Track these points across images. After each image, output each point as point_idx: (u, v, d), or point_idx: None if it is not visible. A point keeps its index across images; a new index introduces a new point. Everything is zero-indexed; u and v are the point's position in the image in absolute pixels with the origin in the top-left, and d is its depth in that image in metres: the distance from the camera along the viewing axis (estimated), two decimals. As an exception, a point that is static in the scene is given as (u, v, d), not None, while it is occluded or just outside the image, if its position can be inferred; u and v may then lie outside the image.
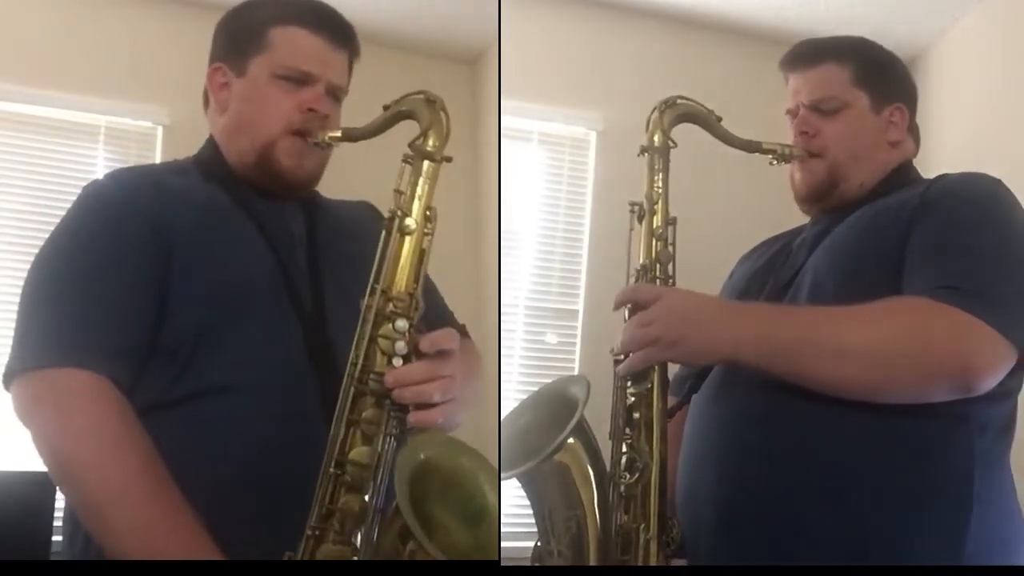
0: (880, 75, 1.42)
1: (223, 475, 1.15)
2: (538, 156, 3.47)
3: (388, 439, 1.10)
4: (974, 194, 1.26)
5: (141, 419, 1.15)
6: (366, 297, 1.14)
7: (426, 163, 1.16)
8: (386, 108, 1.21)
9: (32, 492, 2.68)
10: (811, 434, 1.18)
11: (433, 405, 1.12)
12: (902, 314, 1.15)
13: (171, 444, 1.13)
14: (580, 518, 1.21)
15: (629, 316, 1.25)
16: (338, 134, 1.28)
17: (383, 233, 1.16)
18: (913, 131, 1.44)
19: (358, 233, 1.37)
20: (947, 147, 1.41)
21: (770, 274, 1.40)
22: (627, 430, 1.24)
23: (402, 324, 1.12)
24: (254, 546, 1.08)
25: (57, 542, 2.74)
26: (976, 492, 1.16)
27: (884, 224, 1.26)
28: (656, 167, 1.33)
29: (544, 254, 3.46)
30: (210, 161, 1.35)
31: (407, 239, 1.15)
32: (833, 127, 1.38)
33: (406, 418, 1.11)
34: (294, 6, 1.35)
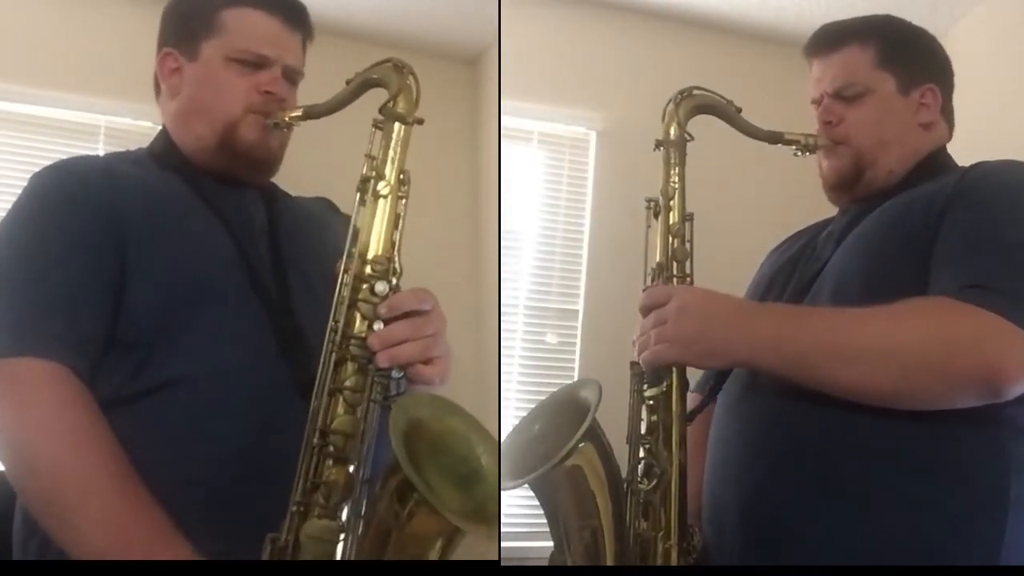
0: (907, 54, 1.35)
1: (193, 467, 1.11)
2: (538, 156, 3.46)
3: (372, 406, 1.06)
4: (1008, 184, 1.19)
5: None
6: (343, 261, 1.10)
7: (397, 125, 1.13)
8: (349, 82, 1.18)
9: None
10: (838, 439, 1.14)
11: (429, 361, 1.10)
12: (925, 316, 1.09)
13: (135, 439, 1.09)
14: (595, 527, 1.17)
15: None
16: (299, 113, 1.25)
17: (356, 195, 1.12)
18: (947, 114, 1.37)
19: (318, 226, 1.36)
20: (950, 146, 1.38)
21: (796, 268, 1.35)
22: (645, 434, 1.19)
23: (382, 287, 1.09)
24: (229, 538, 1.04)
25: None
26: (1013, 499, 1.10)
27: (914, 216, 1.19)
28: (672, 161, 1.28)
29: (544, 254, 3.45)
30: (164, 150, 1.32)
31: (381, 202, 1.11)
32: (856, 113, 1.32)
33: (390, 384, 1.08)
34: None
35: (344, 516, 1.03)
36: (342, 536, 1.03)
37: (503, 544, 1.11)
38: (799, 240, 1.43)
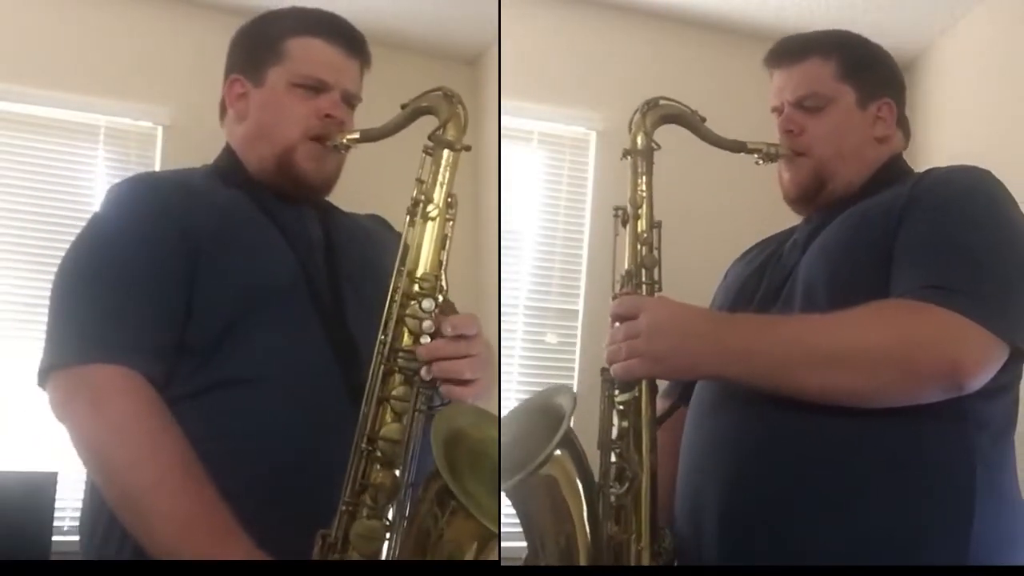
0: (866, 69, 1.39)
1: (245, 464, 1.17)
2: (538, 156, 3.47)
3: (417, 415, 1.14)
4: (960, 188, 1.24)
5: None
6: (392, 278, 1.17)
7: (446, 152, 1.21)
8: (404, 107, 1.25)
9: (32, 492, 2.69)
10: (809, 440, 1.16)
11: (465, 382, 1.15)
12: (887, 318, 1.14)
13: (191, 435, 1.16)
14: (569, 533, 1.19)
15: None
16: (356, 135, 1.32)
17: (407, 218, 1.20)
18: (903, 124, 1.41)
19: (372, 242, 1.42)
20: (947, 147, 1.39)
21: (763, 277, 1.38)
22: (616, 439, 1.22)
23: (428, 304, 1.16)
24: (281, 534, 1.10)
25: (57, 542, 2.76)
26: (978, 491, 1.14)
27: (873, 222, 1.24)
28: (640, 170, 1.31)
29: (544, 254, 3.46)
30: (229, 167, 1.39)
31: (430, 224, 1.19)
32: (818, 124, 1.36)
33: (434, 395, 1.15)
34: (310, 18, 1.41)
35: (390, 516, 1.10)
36: (387, 535, 1.10)
37: (503, 544, 1.12)
38: (765, 249, 1.46)
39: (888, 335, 1.12)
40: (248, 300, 1.24)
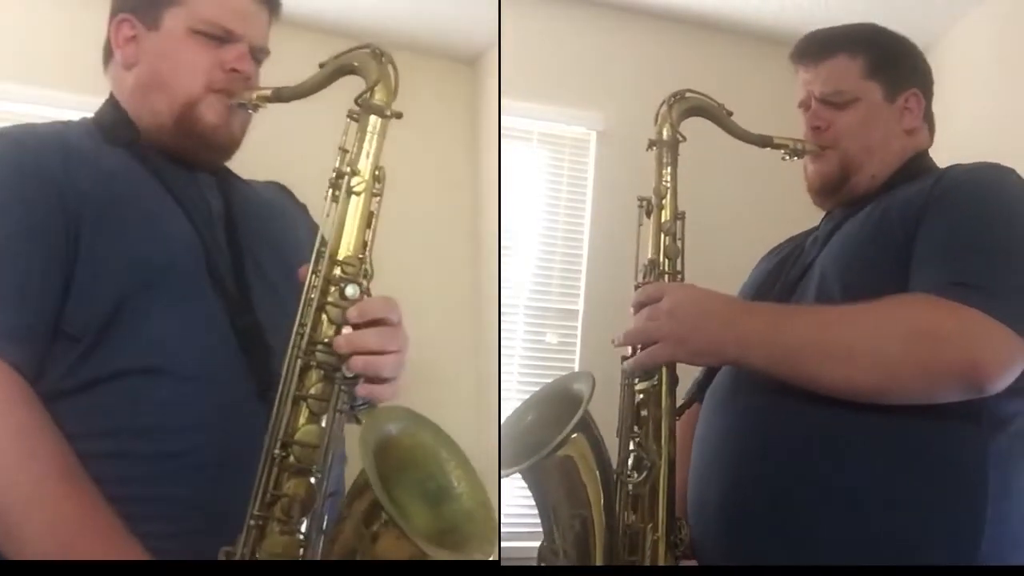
0: (893, 63, 1.39)
1: (140, 465, 1.05)
2: (538, 156, 3.47)
3: (338, 416, 1.00)
4: (982, 186, 1.23)
5: None
6: (311, 262, 1.04)
7: (374, 118, 1.07)
8: (322, 66, 1.11)
9: None
10: (819, 437, 1.15)
11: (383, 380, 1.04)
12: (909, 313, 1.11)
13: (76, 435, 1.03)
14: (585, 517, 1.20)
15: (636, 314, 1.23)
16: (268, 93, 1.17)
17: (328, 191, 1.06)
18: (928, 120, 1.41)
19: (275, 214, 1.31)
20: (950, 147, 1.39)
21: (782, 272, 1.38)
22: (635, 428, 1.22)
23: (352, 291, 1.03)
24: (180, 543, 1.00)
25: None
26: (992, 492, 1.12)
27: (892, 220, 1.22)
28: (664, 161, 1.31)
29: (544, 254, 3.45)
30: (115, 123, 1.23)
31: (354, 199, 1.05)
32: (844, 119, 1.36)
33: (356, 392, 1.02)
34: None
35: (304, 530, 0.97)
36: (301, 552, 0.97)
37: (503, 544, 1.11)
38: (789, 245, 1.47)
39: (910, 331, 1.10)
40: (140, 278, 1.09)
